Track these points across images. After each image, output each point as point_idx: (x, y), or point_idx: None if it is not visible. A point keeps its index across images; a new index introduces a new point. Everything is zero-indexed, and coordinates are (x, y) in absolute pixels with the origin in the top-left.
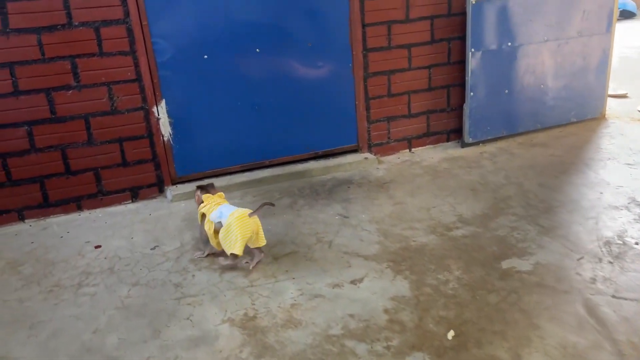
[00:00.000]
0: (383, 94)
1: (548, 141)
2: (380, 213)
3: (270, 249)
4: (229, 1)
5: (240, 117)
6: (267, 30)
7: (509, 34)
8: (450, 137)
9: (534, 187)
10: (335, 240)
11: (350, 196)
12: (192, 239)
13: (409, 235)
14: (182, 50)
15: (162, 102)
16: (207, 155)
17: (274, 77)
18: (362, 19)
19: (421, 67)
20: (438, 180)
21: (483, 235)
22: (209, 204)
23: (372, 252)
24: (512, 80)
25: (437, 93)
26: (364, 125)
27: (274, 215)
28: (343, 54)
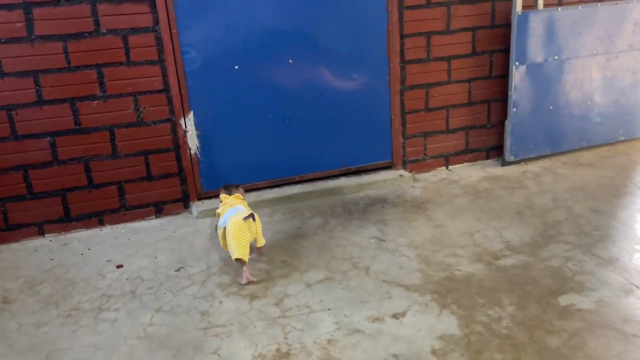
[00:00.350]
0: (420, 108)
1: (595, 161)
2: (420, 237)
3: (302, 275)
4: (262, 10)
5: (271, 130)
6: (301, 40)
7: (556, 47)
8: (490, 154)
9: (586, 211)
10: (373, 267)
11: (386, 217)
12: (220, 260)
13: (453, 263)
14: (212, 60)
15: (190, 114)
16: (235, 169)
17: (307, 88)
18: (401, 30)
19: (461, 80)
20: (479, 201)
21: (534, 265)
22: (224, 205)
23: (413, 281)
24: (558, 95)
25: (477, 108)
26: (399, 141)
27: (305, 236)
28: (379, 66)
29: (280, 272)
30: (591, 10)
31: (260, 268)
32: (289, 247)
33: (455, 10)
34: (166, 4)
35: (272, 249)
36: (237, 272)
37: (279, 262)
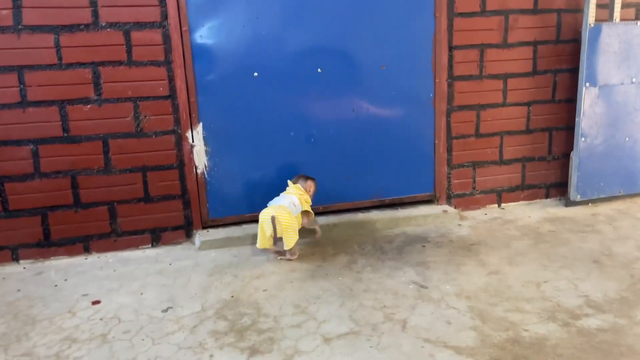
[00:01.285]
0: (469, 134)
1: None
2: (471, 285)
3: (319, 326)
4: (288, 9)
5: (292, 150)
6: (333, 47)
7: (635, 68)
8: (550, 192)
9: None
10: (411, 320)
11: (428, 259)
12: (217, 301)
13: (518, 321)
14: (227, 64)
15: (198, 127)
16: (248, 194)
17: (337, 104)
18: (450, 40)
19: (518, 103)
20: (543, 245)
21: (629, 330)
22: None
23: (466, 342)
24: (636, 126)
25: (536, 136)
26: (443, 171)
27: (327, 277)
28: (423, 81)
29: (292, 320)
30: None
31: (266, 313)
32: (306, 289)
33: (515, 20)
34: None
35: (283, 290)
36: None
37: (291, 306)
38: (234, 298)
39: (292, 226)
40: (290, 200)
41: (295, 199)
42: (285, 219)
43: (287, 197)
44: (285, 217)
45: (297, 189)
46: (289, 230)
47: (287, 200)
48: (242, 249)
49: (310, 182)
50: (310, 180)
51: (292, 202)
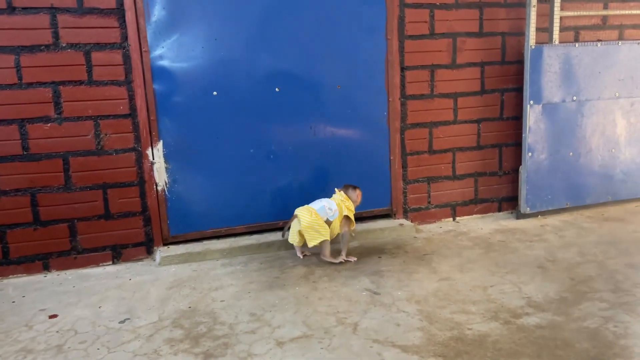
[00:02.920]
0: (423, 150)
1: (624, 216)
2: (422, 290)
3: (273, 331)
4: (246, 30)
5: (252, 167)
6: (291, 68)
7: (574, 87)
8: (503, 206)
9: (622, 267)
10: (362, 323)
11: (382, 268)
12: (175, 311)
13: (463, 321)
14: (187, 83)
15: (158, 144)
16: (209, 210)
17: (295, 122)
18: (401, 61)
19: (469, 120)
20: (492, 254)
21: (566, 326)
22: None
23: (412, 341)
24: (578, 141)
25: (487, 152)
26: (399, 186)
27: (284, 287)
28: (377, 100)
29: (247, 327)
30: (612, 48)
31: (222, 322)
32: (262, 298)
33: (463, 42)
34: (137, 19)
35: (240, 300)
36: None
37: (247, 314)
38: (192, 308)
39: (312, 226)
40: (324, 204)
41: (333, 204)
42: (305, 219)
43: (323, 201)
44: (306, 217)
45: (340, 195)
46: (309, 230)
47: (321, 204)
48: (203, 264)
49: (353, 191)
50: (352, 188)
51: (326, 206)
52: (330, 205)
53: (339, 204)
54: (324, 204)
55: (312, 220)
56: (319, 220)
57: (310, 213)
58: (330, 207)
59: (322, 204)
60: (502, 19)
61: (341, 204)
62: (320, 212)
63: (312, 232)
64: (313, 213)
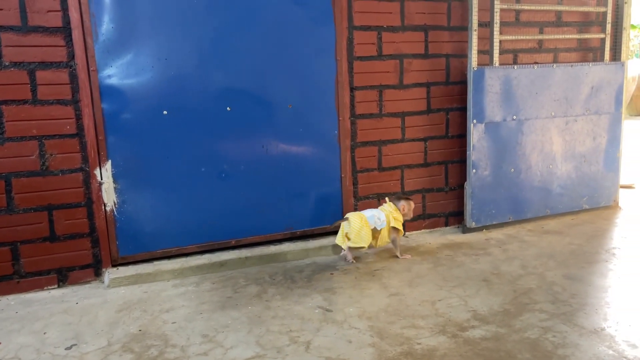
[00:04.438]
0: (373, 167)
1: (562, 229)
2: (373, 306)
3: (226, 352)
4: (197, 50)
5: (204, 186)
6: (242, 87)
7: (514, 106)
8: (450, 221)
9: (559, 279)
10: (315, 341)
11: (335, 285)
12: (125, 335)
13: (412, 336)
14: (136, 103)
15: (107, 164)
16: (159, 230)
17: (247, 141)
18: (351, 82)
19: (416, 139)
20: (440, 268)
21: (508, 337)
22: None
23: (364, 358)
24: (518, 158)
25: (434, 169)
26: (350, 203)
27: (237, 307)
28: (328, 119)
29: (199, 349)
30: (547, 70)
31: (174, 344)
32: (215, 319)
33: (409, 63)
34: (84, 38)
35: (193, 321)
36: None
37: (199, 336)
38: (142, 331)
39: (359, 232)
40: (374, 214)
41: (382, 215)
42: (356, 224)
43: (373, 211)
44: (356, 222)
45: (390, 206)
46: (355, 234)
47: (371, 213)
48: (153, 285)
49: (404, 203)
50: (404, 200)
51: (376, 215)
52: (379, 215)
53: (387, 215)
54: (374, 214)
55: (360, 226)
56: (366, 228)
57: (361, 219)
58: (380, 217)
59: (372, 213)
60: (446, 42)
61: (389, 214)
62: (370, 220)
63: (356, 237)
64: (363, 220)
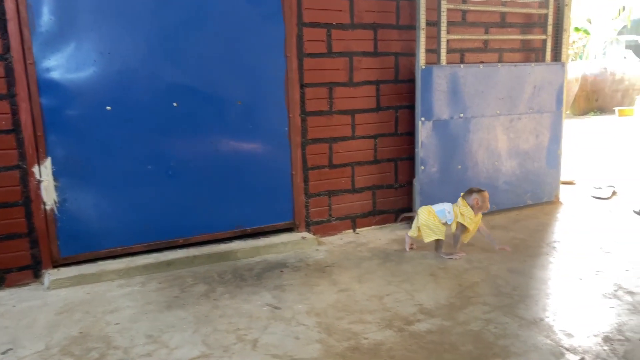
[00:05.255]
0: (324, 164)
1: (507, 224)
2: (322, 303)
3: (170, 352)
4: (141, 44)
5: (150, 184)
6: (189, 83)
7: (461, 105)
8: (399, 217)
9: (503, 272)
10: (262, 339)
11: (284, 282)
12: (65, 338)
13: (359, 331)
14: (78, 97)
15: (46, 161)
16: (103, 230)
17: (195, 137)
18: (301, 79)
19: (366, 136)
20: (389, 263)
21: (453, 330)
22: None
23: (310, 354)
24: (466, 154)
25: (384, 166)
26: (301, 200)
27: (183, 307)
28: (278, 116)
29: (143, 350)
30: (492, 69)
31: (116, 346)
32: (161, 319)
33: (359, 61)
34: (20, 29)
35: (137, 322)
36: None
37: (143, 337)
38: (83, 334)
39: (428, 225)
40: (444, 207)
41: (449, 208)
42: (423, 217)
43: (445, 205)
44: (424, 215)
45: (461, 201)
46: (424, 227)
47: (442, 207)
48: (97, 286)
49: (476, 195)
50: (476, 192)
51: (446, 209)
52: (449, 209)
53: (455, 210)
54: (445, 207)
55: (427, 219)
56: (434, 221)
57: (428, 212)
58: (450, 211)
59: (443, 207)
60: (395, 40)
61: (457, 209)
62: (439, 214)
63: (426, 230)
64: (431, 213)
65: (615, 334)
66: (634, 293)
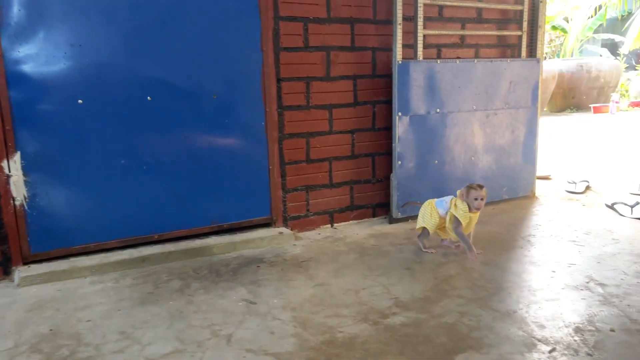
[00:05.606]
0: (301, 159)
1: (483, 218)
2: (298, 297)
3: (143, 349)
4: (115, 36)
5: (124, 179)
6: (164, 77)
7: (438, 100)
8: (377, 212)
9: (478, 265)
10: (237, 334)
11: (260, 277)
12: (34, 336)
13: (335, 325)
14: (49, 90)
15: (15, 156)
16: (76, 226)
17: (170, 131)
18: (277, 73)
19: (343, 131)
20: (366, 258)
21: (427, 322)
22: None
23: (285, 348)
24: (442, 150)
25: (361, 161)
26: (278, 195)
27: (157, 302)
28: (255, 111)
29: (115, 347)
30: (469, 65)
31: (87, 343)
32: (134, 316)
33: (336, 56)
34: None
35: (110, 319)
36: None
37: (116, 333)
38: (53, 331)
39: (421, 213)
40: (443, 199)
41: (448, 199)
42: (422, 207)
43: (447, 197)
44: (424, 206)
45: (458, 193)
46: (419, 215)
47: (442, 198)
48: (69, 283)
49: (463, 189)
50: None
51: (444, 200)
52: (447, 200)
53: (451, 201)
54: (444, 199)
55: (423, 207)
56: (429, 210)
57: (428, 203)
58: (447, 201)
59: (443, 198)
60: (372, 35)
61: (452, 200)
62: (438, 205)
63: (420, 217)
64: (431, 204)
65: (586, 324)
66: (604, 285)
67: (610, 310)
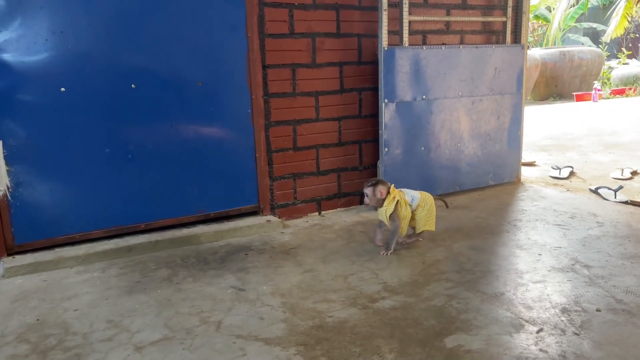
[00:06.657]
0: (288, 147)
1: (469, 204)
2: (286, 283)
3: (132, 336)
4: (97, 23)
5: (109, 168)
6: (147, 64)
7: (424, 86)
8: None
9: (465, 250)
10: (226, 321)
11: (248, 265)
12: (20, 326)
13: (324, 310)
14: (30, 79)
15: None
16: (61, 216)
17: (154, 119)
18: (263, 59)
19: (330, 118)
20: (354, 244)
21: (416, 306)
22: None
23: (275, 333)
24: (428, 136)
25: (348, 149)
26: (265, 183)
27: (145, 291)
28: (241, 98)
29: (103, 335)
30: (454, 51)
31: (75, 332)
32: (121, 304)
33: (321, 43)
34: None
35: (97, 308)
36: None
37: (103, 322)
38: (40, 321)
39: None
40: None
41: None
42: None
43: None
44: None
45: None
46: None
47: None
48: (54, 273)
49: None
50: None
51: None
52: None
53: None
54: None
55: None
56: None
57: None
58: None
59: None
60: (358, 21)
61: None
62: (406, 196)
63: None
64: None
65: (572, 305)
66: (590, 266)
67: (596, 291)
